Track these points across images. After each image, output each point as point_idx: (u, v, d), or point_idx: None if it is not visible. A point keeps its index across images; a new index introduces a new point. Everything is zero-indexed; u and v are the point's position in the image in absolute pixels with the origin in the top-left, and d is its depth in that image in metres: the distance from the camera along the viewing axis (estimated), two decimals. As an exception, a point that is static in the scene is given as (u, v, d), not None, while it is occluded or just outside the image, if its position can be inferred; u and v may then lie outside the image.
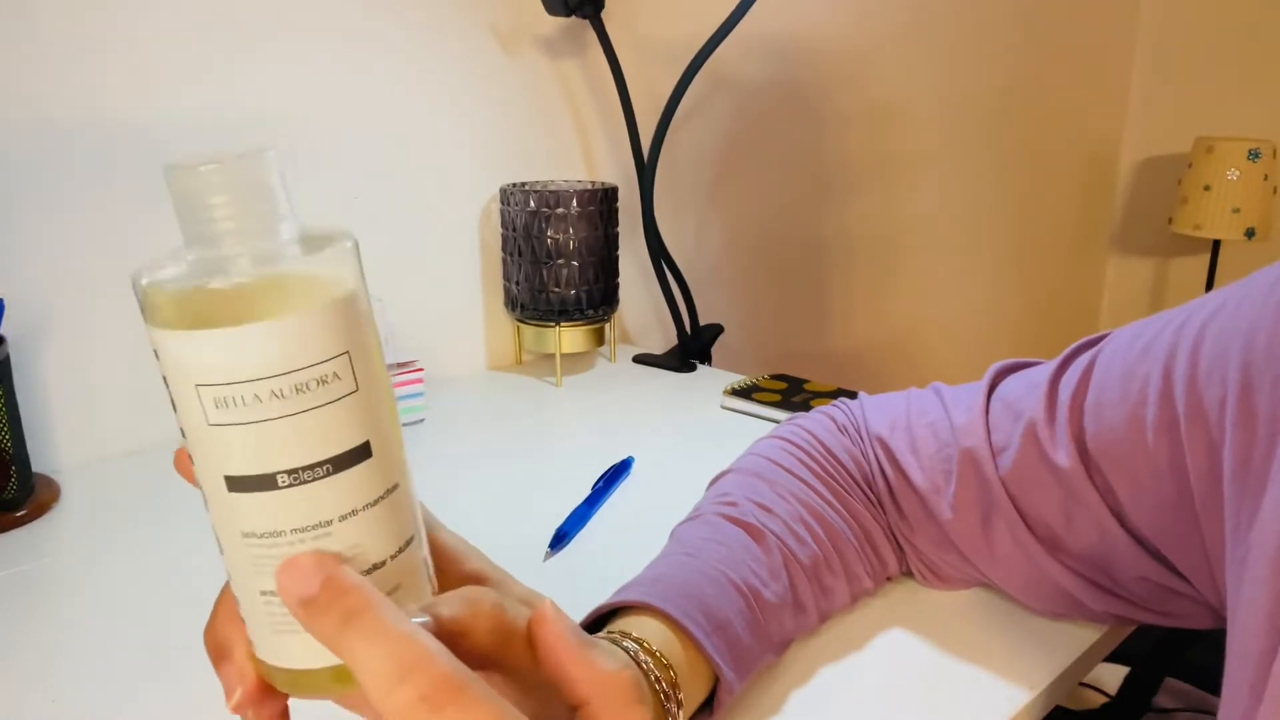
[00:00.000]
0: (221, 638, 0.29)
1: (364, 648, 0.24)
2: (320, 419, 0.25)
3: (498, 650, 0.30)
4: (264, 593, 0.26)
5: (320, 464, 0.25)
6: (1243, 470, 0.35)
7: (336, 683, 0.27)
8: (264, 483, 0.25)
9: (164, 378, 0.26)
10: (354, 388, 0.26)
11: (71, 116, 0.73)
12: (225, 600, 0.30)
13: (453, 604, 0.29)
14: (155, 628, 0.53)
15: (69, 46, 0.72)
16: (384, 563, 0.27)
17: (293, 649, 0.27)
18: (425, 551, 0.29)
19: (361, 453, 0.26)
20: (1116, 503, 0.44)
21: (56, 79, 0.72)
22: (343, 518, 0.26)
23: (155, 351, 0.25)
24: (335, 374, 0.25)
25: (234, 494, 0.25)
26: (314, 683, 0.27)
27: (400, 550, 0.27)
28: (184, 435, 0.26)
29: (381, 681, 0.24)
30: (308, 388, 0.25)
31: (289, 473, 0.25)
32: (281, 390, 0.24)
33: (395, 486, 0.27)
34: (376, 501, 0.27)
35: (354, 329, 0.26)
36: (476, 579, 0.33)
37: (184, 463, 0.28)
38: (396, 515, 0.27)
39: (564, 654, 0.31)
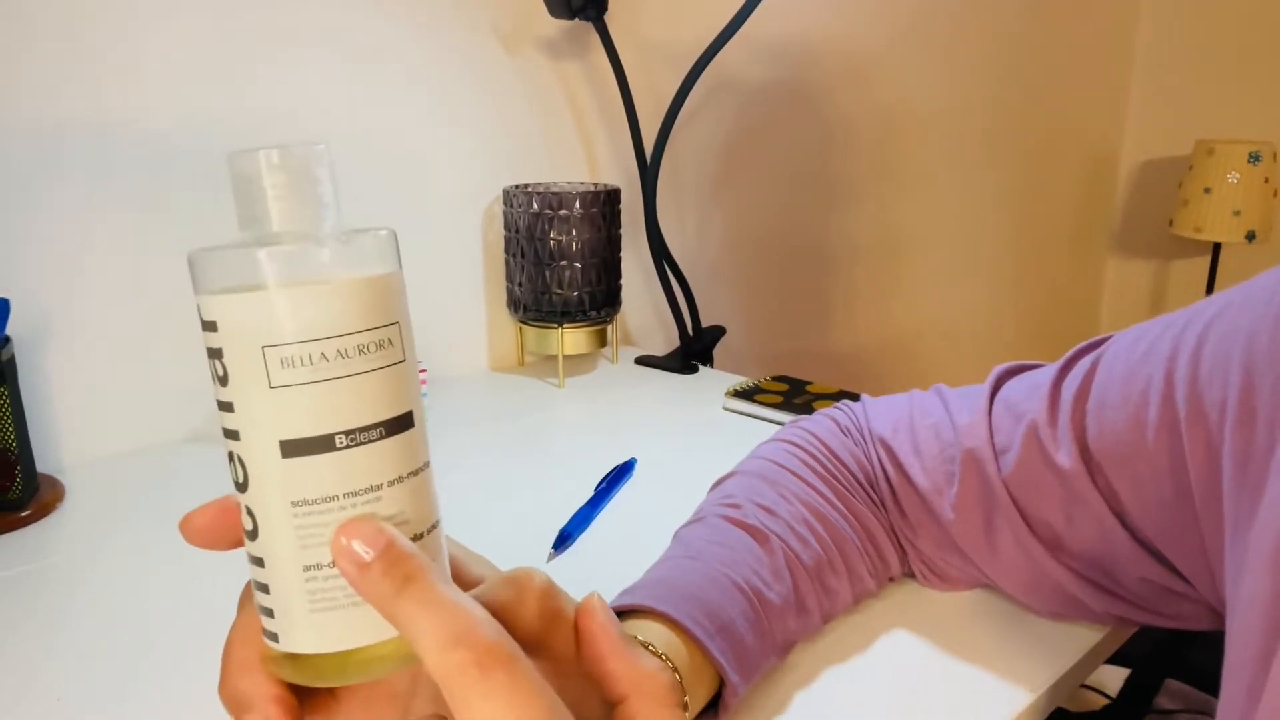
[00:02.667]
0: (239, 690, 0.29)
1: (421, 612, 0.25)
2: (377, 381, 0.27)
3: (544, 633, 0.30)
4: (307, 568, 0.27)
5: (375, 426, 0.26)
6: (1242, 471, 0.36)
7: (361, 668, 0.27)
8: (322, 444, 0.26)
9: (216, 350, 0.26)
10: (403, 357, 0.27)
11: (74, 118, 0.73)
12: (234, 653, 0.30)
13: (498, 589, 0.30)
14: (160, 627, 0.54)
15: (70, 48, 0.72)
16: (423, 535, 0.28)
17: (329, 628, 0.27)
18: (445, 541, 0.30)
19: (406, 421, 0.27)
20: (1118, 504, 0.44)
21: (58, 80, 0.72)
22: (391, 483, 0.27)
23: (212, 323, 0.26)
24: (389, 340, 0.27)
25: (288, 459, 0.26)
26: (346, 666, 0.27)
27: (432, 529, 0.28)
28: (232, 410, 0.26)
29: (436, 644, 0.25)
30: (368, 349, 0.26)
31: (347, 433, 0.26)
32: (345, 350, 0.26)
33: (428, 464, 0.29)
34: (418, 472, 0.28)
35: (401, 305, 0.28)
36: (479, 584, 0.33)
37: (196, 525, 0.29)
38: (430, 492, 0.29)
39: (607, 648, 0.32)
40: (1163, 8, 2.18)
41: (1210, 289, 2.11)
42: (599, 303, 0.97)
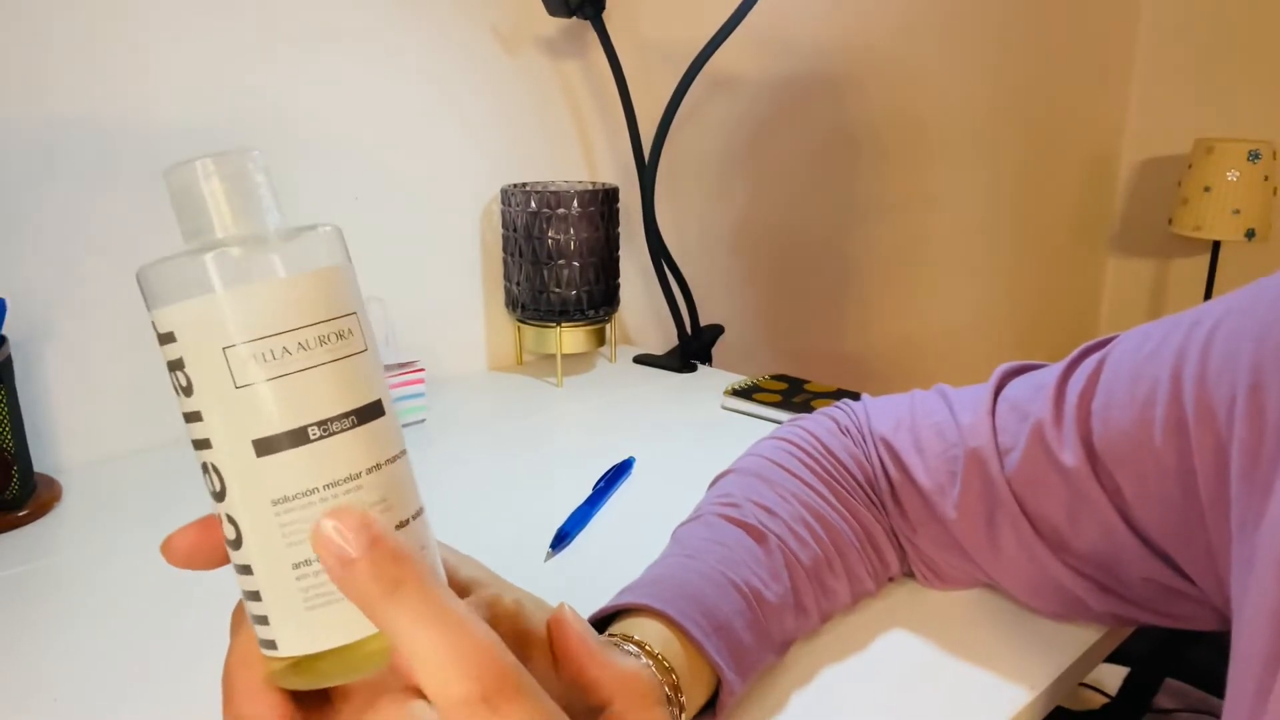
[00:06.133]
0: (244, 715, 0.28)
1: (418, 629, 0.23)
2: (342, 371, 0.27)
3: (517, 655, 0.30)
4: (296, 565, 0.26)
5: (346, 415, 0.27)
6: (1250, 471, 0.35)
7: (366, 661, 0.27)
8: (296, 438, 0.26)
9: (176, 361, 0.26)
10: (364, 347, 0.28)
11: (72, 117, 0.73)
12: (235, 677, 0.29)
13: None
14: (157, 627, 0.53)
15: (70, 47, 0.72)
16: (408, 522, 0.28)
17: (324, 624, 0.26)
18: (432, 530, 0.30)
19: (377, 409, 0.27)
20: (1123, 503, 0.44)
21: (57, 79, 0.72)
22: (369, 470, 0.27)
23: (169, 334, 0.26)
24: (349, 330, 0.27)
25: (263, 458, 0.26)
26: (344, 663, 0.27)
27: (417, 514, 0.28)
28: (200, 419, 0.26)
29: (438, 672, 0.23)
30: (329, 339, 0.26)
31: (319, 424, 0.26)
32: (307, 342, 0.26)
33: (404, 452, 0.29)
34: (395, 459, 0.28)
35: (356, 297, 0.28)
36: (470, 587, 0.33)
37: (179, 546, 0.28)
38: (410, 479, 0.29)
39: (586, 656, 0.32)
40: (1163, 8, 2.18)
41: (1210, 287, 2.11)
42: (597, 302, 0.97)
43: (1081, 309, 2.38)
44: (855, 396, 0.60)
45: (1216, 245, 2.07)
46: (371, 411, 0.27)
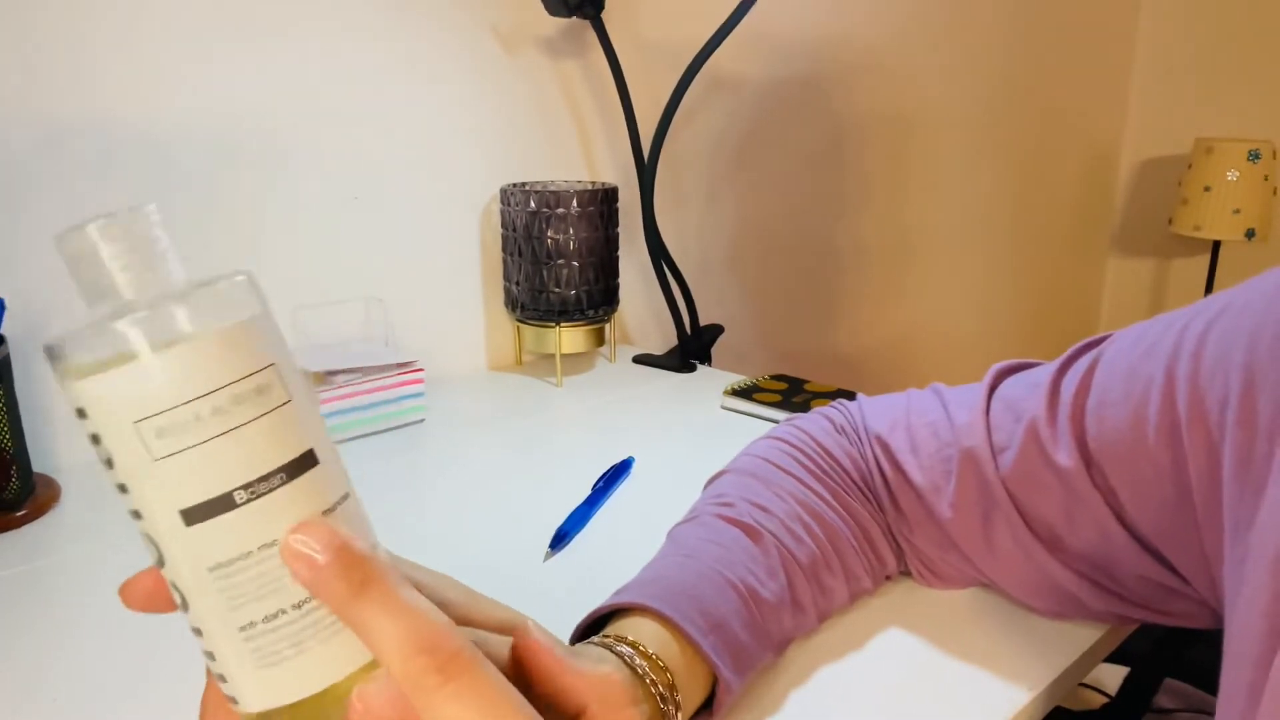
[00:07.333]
0: None
1: (380, 618, 0.26)
2: (263, 429, 0.25)
3: None
4: (243, 627, 0.26)
5: (273, 474, 0.26)
6: (1242, 471, 0.35)
7: (328, 708, 0.27)
8: (222, 504, 0.25)
9: (94, 436, 0.26)
10: (287, 398, 0.26)
11: (71, 116, 0.73)
12: (211, 714, 0.30)
13: None
14: (155, 628, 0.53)
15: (69, 46, 0.72)
16: None
17: (280, 680, 0.26)
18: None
19: (309, 460, 0.26)
20: (1117, 503, 0.44)
21: (56, 79, 0.72)
22: None
23: (81, 410, 0.25)
24: (268, 383, 0.26)
25: (193, 527, 0.25)
26: (305, 714, 0.27)
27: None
28: (127, 492, 0.26)
29: (399, 651, 0.25)
30: (245, 399, 0.25)
31: (244, 488, 0.25)
32: (221, 405, 0.25)
33: (347, 496, 0.28)
34: (333, 508, 0.27)
35: (274, 345, 0.27)
36: (445, 607, 0.33)
37: (137, 590, 0.28)
38: (354, 523, 0.28)
39: (556, 666, 0.32)
40: (1163, 7, 2.18)
41: (1210, 287, 2.11)
42: (596, 301, 0.97)
43: (1081, 309, 2.38)
44: (853, 397, 0.60)
45: (1216, 245, 2.07)
46: (303, 463, 0.26)
